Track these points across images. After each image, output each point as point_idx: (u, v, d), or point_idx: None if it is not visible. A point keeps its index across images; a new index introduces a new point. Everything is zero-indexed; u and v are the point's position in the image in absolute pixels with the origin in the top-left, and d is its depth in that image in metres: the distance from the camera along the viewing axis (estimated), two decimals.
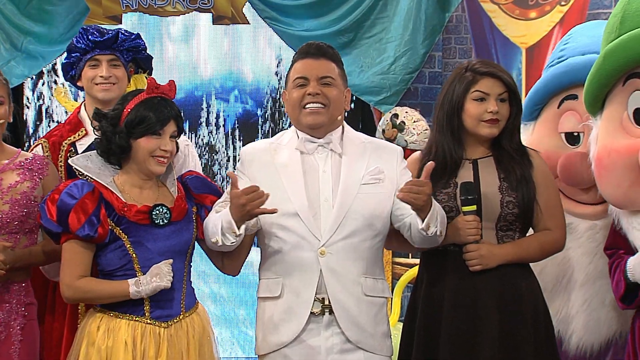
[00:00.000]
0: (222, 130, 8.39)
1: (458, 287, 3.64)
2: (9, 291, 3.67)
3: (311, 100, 3.58)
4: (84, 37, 4.27)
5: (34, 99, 8.32)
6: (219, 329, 7.75)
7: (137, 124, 3.50)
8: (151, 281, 3.43)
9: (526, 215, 3.67)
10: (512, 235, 3.68)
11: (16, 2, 7.74)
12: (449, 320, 3.62)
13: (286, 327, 3.55)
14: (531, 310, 3.63)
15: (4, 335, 3.63)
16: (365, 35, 7.85)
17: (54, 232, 3.49)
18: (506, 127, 3.70)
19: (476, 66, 3.73)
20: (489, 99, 3.65)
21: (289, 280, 3.57)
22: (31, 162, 3.79)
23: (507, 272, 3.62)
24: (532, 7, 7.46)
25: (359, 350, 3.54)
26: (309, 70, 3.62)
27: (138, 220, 3.51)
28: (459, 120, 3.69)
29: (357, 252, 3.57)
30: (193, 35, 8.32)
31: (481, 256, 3.58)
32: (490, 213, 3.63)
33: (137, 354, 3.45)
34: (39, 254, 3.73)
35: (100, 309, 3.53)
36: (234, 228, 3.40)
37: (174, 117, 3.56)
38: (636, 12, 3.15)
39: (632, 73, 3.17)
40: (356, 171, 3.62)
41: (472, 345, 3.57)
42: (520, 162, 3.69)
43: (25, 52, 7.78)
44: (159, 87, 3.59)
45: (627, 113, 3.21)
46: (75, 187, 3.49)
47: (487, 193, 3.63)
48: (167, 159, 3.57)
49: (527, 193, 3.63)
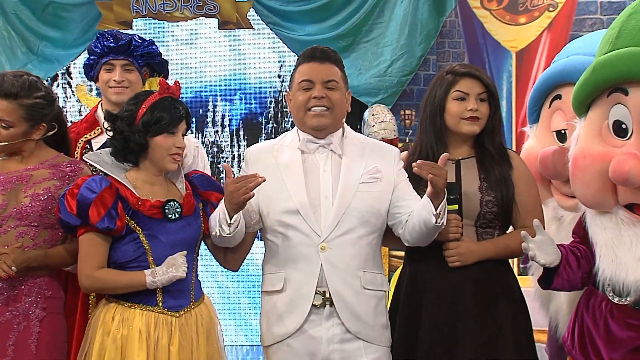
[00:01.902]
0: (227, 129, 8.41)
1: (438, 282, 3.63)
2: (28, 285, 3.65)
3: (316, 104, 3.58)
4: (100, 42, 4.29)
5: None
6: (223, 318, 7.71)
7: (153, 124, 3.51)
8: (167, 272, 3.43)
9: (505, 214, 3.67)
10: (492, 233, 3.68)
11: (33, 8, 7.79)
12: (429, 313, 3.61)
13: (289, 319, 3.54)
14: (508, 304, 3.62)
15: (22, 327, 3.61)
16: (364, 39, 7.86)
17: (72, 224, 3.50)
18: (486, 126, 3.71)
19: (456, 68, 3.75)
20: (469, 98, 3.66)
21: (291, 274, 3.56)
22: (67, 164, 3.79)
23: (485, 268, 3.62)
24: (521, 13, 7.49)
25: (359, 341, 3.52)
26: (314, 74, 3.61)
27: (151, 214, 3.51)
28: (441, 120, 3.69)
29: (356, 247, 3.56)
30: (199, 39, 8.34)
31: (460, 253, 3.58)
32: (471, 211, 3.63)
33: (150, 342, 3.45)
34: (58, 256, 3.69)
35: (115, 300, 3.54)
36: (227, 217, 3.41)
37: (185, 116, 3.59)
38: (633, 30, 3.17)
39: (617, 87, 3.18)
40: (355, 171, 3.61)
41: (451, 338, 3.56)
42: (501, 162, 3.69)
43: (41, 55, 7.83)
44: (169, 88, 3.60)
45: (607, 122, 3.24)
46: (94, 182, 3.50)
47: (467, 192, 3.64)
48: (181, 156, 3.59)
49: (505, 193, 3.63)
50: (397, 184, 3.61)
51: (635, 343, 3.10)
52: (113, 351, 3.41)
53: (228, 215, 3.39)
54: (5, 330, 3.56)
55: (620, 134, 3.17)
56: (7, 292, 3.57)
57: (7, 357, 3.53)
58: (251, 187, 3.33)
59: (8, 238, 3.58)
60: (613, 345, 3.15)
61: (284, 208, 3.53)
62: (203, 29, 8.17)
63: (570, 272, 3.32)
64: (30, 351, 3.57)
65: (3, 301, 3.57)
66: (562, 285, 3.38)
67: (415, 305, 3.64)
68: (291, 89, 3.68)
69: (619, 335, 3.15)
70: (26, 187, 3.64)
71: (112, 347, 3.42)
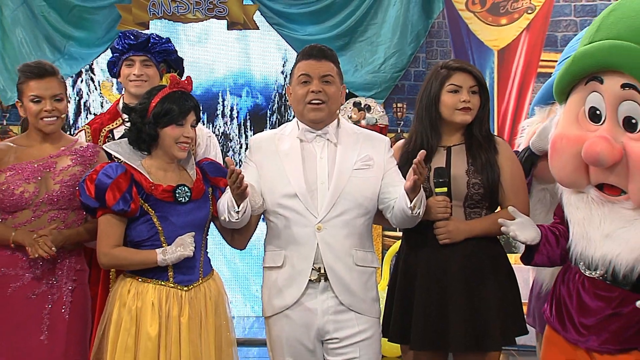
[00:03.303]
0: (235, 121, 8.38)
1: (430, 258, 3.63)
2: (62, 260, 3.69)
3: (314, 97, 3.58)
4: (122, 40, 4.30)
5: (74, 95, 8.34)
6: (232, 292, 7.81)
7: (163, 115, 3.51)
8: (176, 250, 3.44)
9: (491, 195, 3.66)
10: (479, 212, 3.67)
11: (59, 11, 7.79)
12: (423, 287, 3.61)
13: (288, 293, 3.55)
14: (494, 276, 3.63)
15: (56, 296, 3.66)
16: (359, 39, 7.86)
17: (91, 207, 3.51)
18: (477, 116, 3.70)
19: (450, 63, 3.74)
20: (462, 90, 3.65)
21: (290, 252, 3.57)
22: (84, 149, 3.82)
23: (473, 245, 3.61)
24: (503, 15, 7.50)
25: (351, 312, 3.54)
26: (312, 70, 3.61)
27: (163, 197, 3.51)
28: (436, 111, 3.68)
29: (349, 227, 3.56)
30: (210, 39, 8.31)
31: (449, 232, 3.58)
32: (459, 193, 3.63)
33: (162, 314, 3.46)
34: (87, 232, 3.74)
35: (130, 275, 3.54)
36: (234, 206, 3.43)
37: (194, 109, 3.57)
38: (611, 25, 3.14)
39: (594, 76, 3.16)
40: (349, 158, 3.61)
41: (443, 310, 3.56)
42: (487, 148, 3.67)
43: (67, 54, 7.83)
44: (179, 83, 3.60)
45: (583, 109, 3.20)
46: (110, 168, 3.50)
47: (455, 176, 3.63)
48: (189, 145, 3.57)
49: (491, 175, 3.62)
50: (386, 171, 3.61)
51: (604, 312, 3.10)
52: (128, 321, 3.43)
53: (235, 203, 3.41)
54: (41, 300, 3.61)
55: (595, 119, 3.15)
56: (42, 267, 3.62)
57: (43, 324, 3.59)
58: (239, 181, 3.33)
59: (42, 221, 3.63)
60: (584, 313, 3.16)
61: (283, 192, 3.53)
62: (213, 29, 8.14)
63: (549, 249, 3.33)
64: (63, 318, 3.63)
65: (39, 275, 3.62)
66: (542, 262, 3.37)
67: (410, 279, 3.64)
68: (291, 83, 3.67)
69: (589, 305, 3.15)
70: (54, 174, 3.67)
71: (127, 318, 3.43)
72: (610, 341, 3.09)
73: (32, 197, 3.62)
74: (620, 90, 3.06)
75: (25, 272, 3.63)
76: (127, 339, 3.42)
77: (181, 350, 3.43)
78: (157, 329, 3.43)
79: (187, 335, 3.45)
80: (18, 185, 3.61)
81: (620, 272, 3.04)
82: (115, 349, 3.42)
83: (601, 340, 3.10)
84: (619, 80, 3.05)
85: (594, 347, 3.12)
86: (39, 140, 3.74)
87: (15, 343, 3.57)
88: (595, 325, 3.12)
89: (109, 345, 3.44)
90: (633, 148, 3.01)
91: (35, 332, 3.59)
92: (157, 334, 3.42)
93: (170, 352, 3.42)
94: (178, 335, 3.44)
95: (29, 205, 3.62)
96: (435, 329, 3.54)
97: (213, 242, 3.73)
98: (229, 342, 3.62)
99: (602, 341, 3.10)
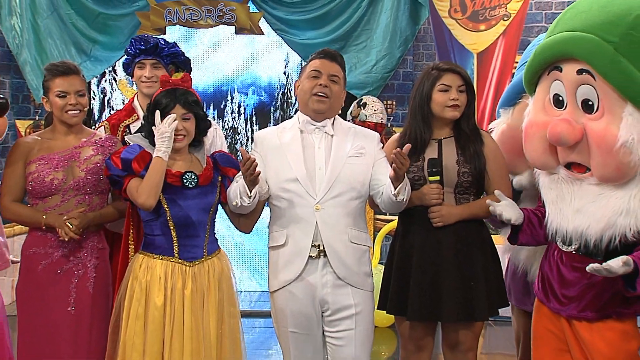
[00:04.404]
0: (242, 116, 8.40)
1: (425, 239, 3.62)
2: (86, 240, 3.70)
3: (320, 90, 3.57)
4: (133, 45, 4.30)
5: (99, 93, 8.37)
6: (239, 269, 7.84)
7: (152, 111, 3.53)
8: (160, 139, 3.43)
9: (478, 182, 3.65)
10: (468, 198, 3.65)
11: (86, 18, 7.84)
12: (418, 264, 3.60)
13: (290, 268, 3.54)
14: (482, 255, 3.62)
15: (81, 272, 3.67)
16: (354, 43, 7.89)
17: (120, 176, 3.49)
18: (464, 112, 3.68)
19: (440, 65, 3.72)
20: (451, 90, 3.64)
21: (291, 231, 3.55)
22: (104, 140, 3.82)
23: (463, 227, 3.61)
24: (481, 21, 7.53)
25: (347, 286, 3.52)
26: (323, 67, 3.61)
27: (172, 181, 3.49)
28: (428, 108, 3.66)
29: (344, 208, 3.55)
30: (220, 43, 8.35)
31: (442, 215, 3.57)
32: (450, 180, 3.61)
33: (168, 286, 3.46)
34: (109, 213, 3.76)
35: (143, 252, 3.55)
36: (247, 191, 3.44)
37: (180, 102, 3.53)
38: (567, 20, 3.18)
39: (555, 66, 3.19)
40: (344, 147, 3.60)
41: (436, 283, 3.56)
42: (474, 141, 3.66)
43: (93, 57, 7.87)
44: (170, 81, 3.59)
45: (549, 97, 3.23)
46: (132, 147, 3.53)
47: (447, 165, 3.61)
48: (184, 136, 3.54)
49: (478, 165, 3.61)
50: (376, 160, 3.60)
51: (581, 282, 3.12)
52: (139, 292, 3.44)
53: (248, 189, 3.42)
54: (68, 276, 3.63)
55: (558, 105, 3.17)
56: (69, 246, 3.63)
57: (70, 296, 3.61)
58: (253, 168, 3.35)
59: (69, 205, 3.64)
60: (564, 284, 3.18)
61: (286, 177, 3.52)
62: (223, 34, 8.17)
63: (533, 229, 3.35)
64: (88, 292, 3.64)
65: (66, 253, 3.63)
66: (527, 241, 3.40)
67: (406, 258, 3.63)
68: (301, 77, 3.66)
69: (567, 277, 3.18)
70: (79, 163, 3.68)
71: (138, 289, 3.45)
72: (587, 308, 3.11)
73: (60, 184, 3.63)
74: (576, 75, 3.09)
75: (54, 250, 3.64)
76: (137, 308, 3.44)
77: (184, 319, 3.44)
78: (162, 299, 3.43)
79: (190, 306, 3.45)
80: (48, 174, 3.62)
81: (591, 242, 3.07)
82: (128, 316, 3.45)
83: (580, 308, 3.12)
84: (575, 67, 3.08)
85: (574, 314, 3.14)
86: (63, 133, 3.75)
87: (46, 313, 3.60)
88: (574, 295, 3.14)
89: (124, 313, 3.47)
90: (591, 127, 3.03)
91: (63, 304, 3.61)
92: (163, 304, 3.43)
93: (174, 320, 3.43)
94: (182, 305, 3.45)
95: (58, 191, 3.63)
96: (429, 302, 3.54)
97: (223, 226, 3.73)
98: (231, 314, 3.61)
99: (581, 309, 3.12)
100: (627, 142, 2.95)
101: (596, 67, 3.01)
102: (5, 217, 3.79)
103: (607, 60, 2.98)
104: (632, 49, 2.96)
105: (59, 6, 7.78)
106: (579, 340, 3.17)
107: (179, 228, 3.50)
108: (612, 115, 3.00)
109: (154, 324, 3.42)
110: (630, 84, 2.96)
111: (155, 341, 3.42)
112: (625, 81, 2.96)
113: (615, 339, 3.09)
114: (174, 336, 3.42)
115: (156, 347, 3.41)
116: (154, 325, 3.42)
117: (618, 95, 2.99)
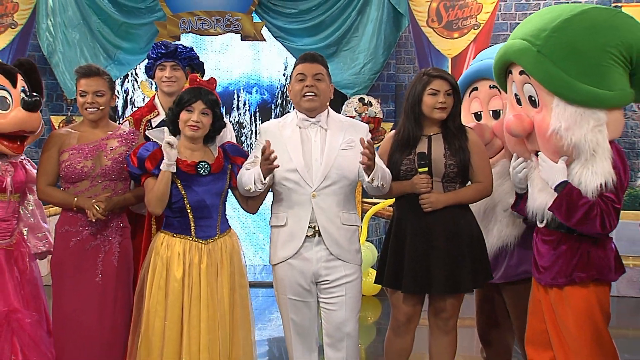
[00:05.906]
0: (247, 113, 8.38)
1: (417, 222, 3.60)
2: (111, 220, 3.68)
3: (308, 91, 3.54)
4: (155, 49, 4.26)
5: (122, 92, 8.37)
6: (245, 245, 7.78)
7: (178, 102, 3.51)
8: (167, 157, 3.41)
9: (463, 173, 3.62)
10: (454, 186, 3.63)
11: (111, 27, 7.83)
12: (411, 245, 3.58)
13: (289, 245, 3.52)
14: (468, 236, 3.60)
15: (107, 248, 3.65)
16: (344, 48, 7.87)
17: (136, 174, 3.51)
18: (451, 113, 3.65)
19: (430, 72, 3.69)
20: (439, 93, 3.60)
21: (291, 214, 3.54)
22: (127, 133, 3.78)
23: (450, 211, 3.58)
24: (455, 30, 7.54)
25: (338, 261, 3.51)
26: (307, 70, 3.57)
27: (187, 170, 3.48)
28: (419, 109, 3.63)
29: (337, 195, 3.53)
30: (228, 48, 8.35)
31: (431, 202, 3.55)
32: (438, 171, 3.59)
33: (186, 261, 3.46)
34: (131, 198, 3.73)
35: (164, 231, 3.54)
36: (262, 178, 3.43)
37: (202, 98, 3.50)
38: (522, 26, 3.23)
39: (509, 70, 3.26)
40: (336, 141, 3.57)
41: (427, 262, 3.55)
42: (459, 137, 3.63)
43: (117, 60, 7.85)
44: (197, 80, 3.58)
45: (512, 96, 3.28)
46: (149, 144, 3.52)
47: (435, 158, 3.59)
48: (199, 128, 3.51)
49: (463, 158, 3.59)
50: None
51: (550, 252, 3.15)
52: (160, 266, 3.44)
53: (263, 176, 3.41)
54: (95, 252, 3.62)
55: (519, 103, 3.22)
56: (97, 225, 3.62)
57: (98, 269, 3.60)
58: (272, 159, 3.35)
59: (97, 189, 3.62)
60: (540, 257, 3.21)
61: (287, 167, 3.49)
62: (230, 41, 8.16)
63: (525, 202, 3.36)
64: (113, 265, 3.63)
65: (94, 231, 3.62)
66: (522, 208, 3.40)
67: (401, 239, 3.62)
68: (290, 82, 3.64)
69: (541, 250, 3.21)
70: (106, 153, 3.65)
71: (159, 264, 3.45)
72: (558, 275, 3.12)
73: (89, 171, 3.61)
74: (519, 76, 3.16)
75: (84, 229, 3.62)
76: (159, 280, 3.44)
77: (201, 290, 3.43)
78: (181, 272, 3.43)
79: (206, 279, 3.45)
80: (79, 162, 3.61)
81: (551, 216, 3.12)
82: (151, 287, 3.45)
83: (552, 276, 3.14)
84: (518, 69, 3.15)
85: (548, 282, 3.16)
86: (91, 127, 3.73)
87: (77, 284, 3.59)
88: (548, 265, 3.16)
89: (147, 284, 3.47)
90: (535, 119, 3.12)
91: (92, 275, 3.60)
92: (182, 277, 3.43)
93: (192, 291, 3.43)
94: (198, 278, 3.44)
95: (87, 177, 3.61)
96: (421, 276, 3.53)
97: (230, 207, 3.70)
98: (242, 285, 3.60)
99: (553, 276, 3.14)
100: (556, 130, 3.01)
101: (525, 67, 3.10)
102: (40, 198, 3.76)
103: (531, 61, 3.07)
104: (553, 50, 3.02)
105: (88, 16, 7.76)
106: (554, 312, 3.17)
107: (195, 210, 3.48)
108: (546, 108, 3.07)
109: (174, 294, 3.41)
110: (552, 80, 3.03)
111: (175, 309, 3.41)
112: (547, 78, 3.04)
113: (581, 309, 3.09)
114: (192, 304, 3.42)
115: (176, 314, 3.41)
116: (174, 296, 3.41)
117: (546, 91, 3.06)
